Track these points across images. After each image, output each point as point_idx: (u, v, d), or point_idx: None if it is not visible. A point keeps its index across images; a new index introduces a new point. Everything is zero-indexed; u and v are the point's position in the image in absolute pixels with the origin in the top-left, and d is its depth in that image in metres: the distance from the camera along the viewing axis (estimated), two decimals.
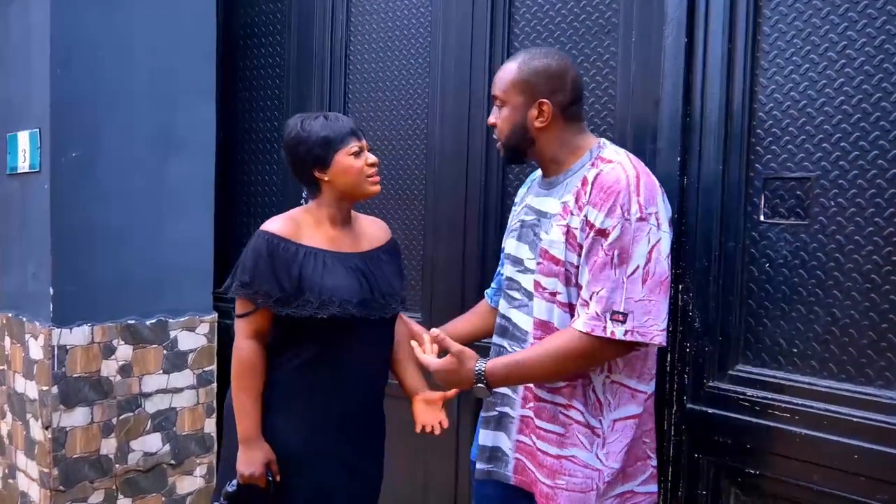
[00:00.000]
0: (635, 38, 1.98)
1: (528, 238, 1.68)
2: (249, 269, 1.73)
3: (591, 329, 1.47)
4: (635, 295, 1.45)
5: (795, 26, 1.70)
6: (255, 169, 3.02)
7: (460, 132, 2.35)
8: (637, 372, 1.59)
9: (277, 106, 2.92)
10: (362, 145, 1.80)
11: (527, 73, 1.62)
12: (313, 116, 1.82)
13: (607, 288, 1.46)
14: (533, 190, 1.75)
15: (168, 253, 2.80)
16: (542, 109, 1.60)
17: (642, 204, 1.47)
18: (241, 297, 1.76)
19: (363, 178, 1.79)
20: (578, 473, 1.57)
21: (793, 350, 1.71)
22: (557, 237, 1.57)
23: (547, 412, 1.61)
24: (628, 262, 1.46)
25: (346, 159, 1.77)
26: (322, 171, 1.78)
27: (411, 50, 2.52)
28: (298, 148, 1.78)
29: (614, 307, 1.45)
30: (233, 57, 3.06)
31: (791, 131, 1.71)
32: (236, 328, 1.78)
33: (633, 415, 1.59)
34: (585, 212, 1.51)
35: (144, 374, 2.76)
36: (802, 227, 1.69)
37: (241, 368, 1.76)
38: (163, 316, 2.80)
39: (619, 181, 1.49)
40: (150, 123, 2.74)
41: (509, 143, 1.67)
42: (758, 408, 1.73)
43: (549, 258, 1.58)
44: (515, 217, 1.78)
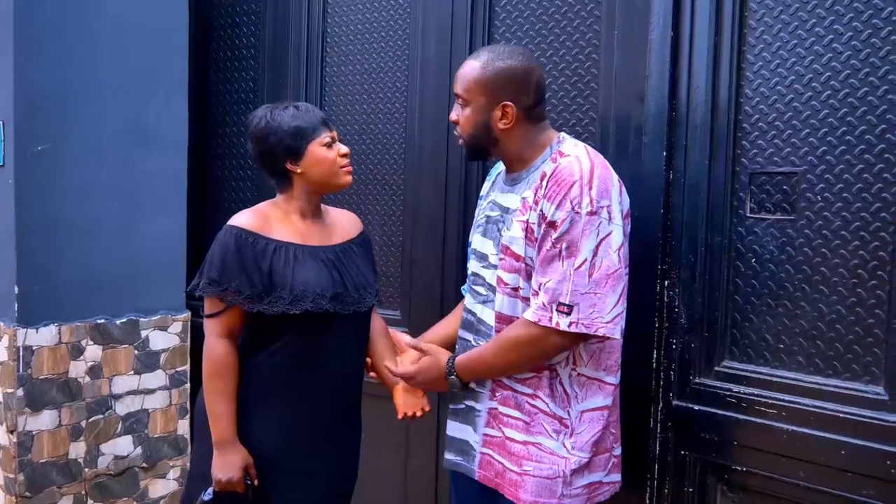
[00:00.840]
0: (618, 31, 1.95)
1: (492, 234, 1.69)
2: (217, 266, 1.67)
3: (538, 319, 1.50)
4: (581, 287, 1.47)
5: (782, 20, 1.69)
6: (228, 164, 2.95)
7: (440, 125, 2.31)
8: (603, 365, 1.61)
9: (252, 99, 2.85)
10: (333, 135, 1.76)
11: (490, 75, 1.60)
12: (282, 106, 1.76)
13: (554, 280, 1.49)
14: (497, 185, 1.75)
15: (139, 250, 2.72)
16: (505, 111, 1.60)
17: (594, 198, 1.48)
18: (209, 296, 1.69)
19: (337, 169, 1.74)
20: (545, 460, 1.58)
21: (779, 346, 1.70)
22: (517, 233, 1.58)
23: (512, 400, 1.63)
24: (576, 255, 1.48)
25: (319, 150, 1.72)
26: (294, 163, 1.72)
27: (390, 42, 2.47)
28: (269, 139, 1.71)
29: (560, 298, 1.48)
30: (205, 48, 2.98)
31: (777, 126, 1.70)
32: (206, 328, 1.72)
33: (601, 406, 1.61)
34: (541, 206, 1.53)
35: (115, 375, 2.68)
36: (789, 222, 1.69)
37: (213, 369, 1.70)
38: (134, 315, 2.72)
39: (573, 174, 1.50)
40: (120, 116, 2.65)
41: (472, 142, 1.66)
42: (744, 404, 1.72)
43: (509, 254, 1.60)
44: (481, 212, 1.78)
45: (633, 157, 1.89)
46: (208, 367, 1.70)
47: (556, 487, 1.58)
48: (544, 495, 1.58)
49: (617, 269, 1.50)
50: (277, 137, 1.70)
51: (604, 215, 1.49)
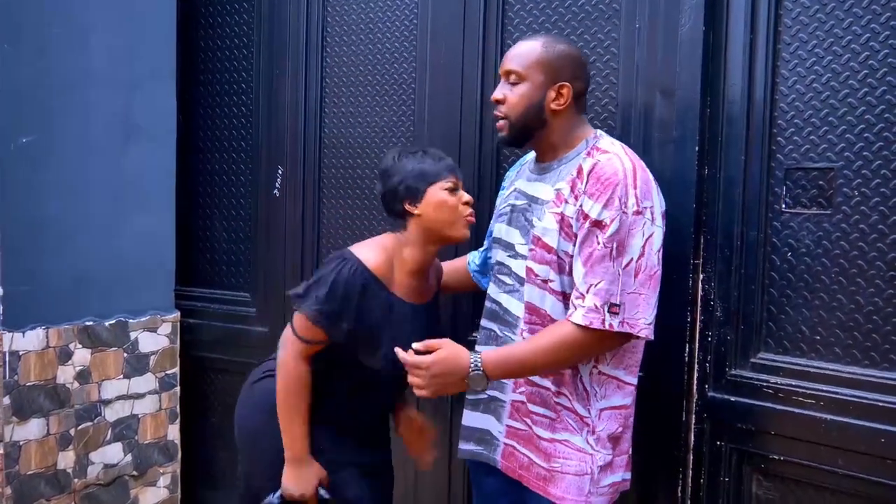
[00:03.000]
0: (640, 25, 1.96)
1: (518, 223, 1.68)
2: (338, 301, 1.63)
3: (590, 322, 1.47)
4: (628, 287, 1.48)
5: (818, 18, 1.73)
6: (217, 157, 2.82)
7: (451, 123, 2.26)
8: (624, 364, 1.61)
9: (244, 90, 2.74)
10: (458, 182, 1.73)
11: (552, 54, 1.61)
12: (413, 149, 1.76)
13: (606, 280, 1.47)
14: (523, 174, 1.74)
15: (127, 248, 2.59)
16: (561, 92, 1.60)
17: (639, 197, 1.49)
18: (316, 325, 1.64)
19: (457, 217, 1.70)
20: (572, 457, 1.58)
21: (815, 337, 1.74)
22: (551, 224, 1.57)
23: (538, 397, 1.63)
24: (624, 255, 1.48)
25: (440, 193, 1.69)
26: (413, 204, 1.69)
27: (396, 32, 2.41)
28: (392, 178, 1.71)
29: (612, 299, 1.47)
30: (193, 37, 2.84)
31: (813, 122, 1.74)
32: (292, 346, 1.68)
33: (619, 405, 1.61)
34: (581, 202, 1.52)
35: (104, 380, 2.54)
36: (825, 217, 1.72)
37: (293, 388, 1.67)
38: (122, 316, 2.59)
39: (617, 173, 1.50)
40: (106, 108, 2.52)
41: (520, 122, 1.63)
42: (781, 394, 1.75)
43: (541, 245, 1.59)
44: (504, 200, 1.77)
45: (659, 152, 1.90)
46: (288, 385, 1.67)
47: (584, 485, 1.58)
48: (572, 492, 1.58)
49: (657, 271, 1.52)
50: (400, 178, 1.69)
51: (647, 216, 1.51)
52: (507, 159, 2.21)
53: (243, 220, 2.76)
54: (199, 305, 2.82)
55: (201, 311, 2.81)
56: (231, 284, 2.79)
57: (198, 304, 2.82)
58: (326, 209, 2.56)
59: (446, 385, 1.51)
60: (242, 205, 2.75)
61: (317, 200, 2.57)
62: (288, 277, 2.61)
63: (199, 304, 2.82)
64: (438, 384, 1.49)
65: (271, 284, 2.65)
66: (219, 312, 2.77)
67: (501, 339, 1.69)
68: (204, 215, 2.86)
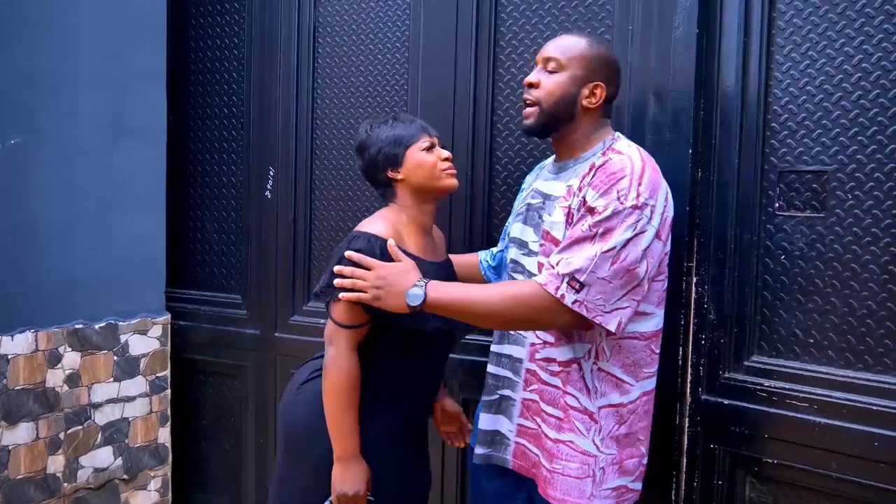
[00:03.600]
0: (633, 26, 1.96)
1: (532, 221, 1.69)
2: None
3: (546, 283, 1.47)
4: (600, 272, 1.44)
5: (811, 21, 1.72)
6: (208, 158, 2.80)
7: (444, 120, 2.24)
8: (621, 362, 1.58)
9: (235, 90, 2.72)
10: (434, 140, 1.76)
11: (595, 53, 1.63)
12: (381, 120, 1.78)
13: (579, 257, 1.45)
14: (542, 175, 1.75)
15: (117, 249, 2.56)
16: (594, 91, 1.62)
17: (641, 193, 1.47)
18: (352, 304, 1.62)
19: (438, 172, 1.73)
20: (575, 459, 1.57)
21: (809, 341, 1.74)
22: (559, 218, 1.58)
23: (549, 395, 1.62)
24: (607, 241, 1.45)
25: (419, 154, 1.72)
26: (395, 171, 1.72)
27: (388, 32, 2.39)
28: (369, 150, 1.74)
29: (577, 276, 1.45)
30: (184, 37, 2.81)
31: (807, 125, 1.73)
32: (337, 340, 1.65)
33: (614, 403, 1.59)
34: (584, 192, 1.52)
35: (94, 383, 2.51)
36: (819, 220, 1.72)
37: (346, 383, 1.64)
38: (112, 319, 2.56)
39: (624, 169, 1.50)
40: (95, 109, 2.48)
41: (551, 109, 1.62)
42: (775, 398, 1.75)
43: (550, 239, 1.59)
44: (522, 201, 1.77)
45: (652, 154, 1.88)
46: (339, 381, 1.63)
47: (586, 487, 1.57)
48: (573, 494, 1.57)
49: (635, 267, 1.46)
50: (377, 147, 1.72)
51: (646, 213, 1.48)
52: (499, 161, 2.21)
53: (234, 222, 2.74)
54: (189, 307, 2.80)
55: (192, 314, 2.79)
56: (222, 286, 2.77)
57: (188, 306, 2.80)
58: (318, 211, 2.54)
59: (388, 293, 1.52)
60: (234, 206, 2.74)
61: (308, 202, 2.55)
62: (279, 279, 2.59)
63: (190, 307, 2.80)
64: (380, 287, 1.53)
65: (263, 286, 2.63)
66: (210, 314, 2.76)
67: (515, 336, 1.69)
68: (195, 217, 2.83)
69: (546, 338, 1.63)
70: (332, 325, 1.65)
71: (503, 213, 2.21)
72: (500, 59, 2.20)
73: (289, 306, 2.58)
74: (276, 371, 2.61)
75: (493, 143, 2.22)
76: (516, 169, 2.18)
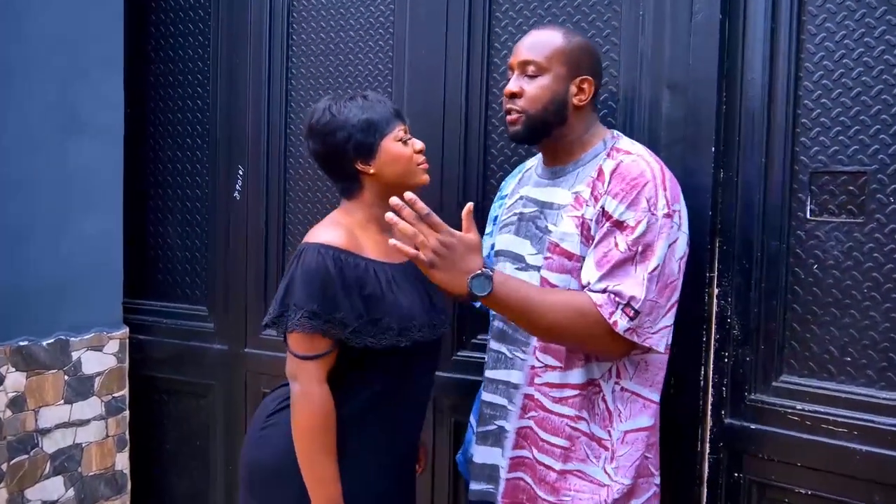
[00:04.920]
0: (643, 10, 1.79)
1: (528, 231, 1.53)
2: (317, 295, 1.39)
3: (601, 304, 1.34)
4: (649, 294, 1.34)
5: (846, 6, 1.57)
6: (170, 156, 2.56)
7: (432, 114, 2.05)
8: (650, 380, 1.47)
9: (200, 81, 2.49)
10: (407, 129, 1.54)
11: (574, 46, 1.49)
12: (347, 97, 1.52)
13: (628, 284, 1.34)
14: (530, 181, 1.60)
15: (68, 256, 2.33)
16: (582, 87, 1.48)
17: (669, 199, 1.38)
18: (310, 332, 1.40)
19: (413, 167, 1.53)
20: (585, 489, 1.44)
21: (846, 359, 1.58)
22: (570, 229, 1.43)
23: (551, 423, 1.47)
24: (650, 259, 1.35)
25: (394, 146, 1.51)
26: (366, 163, 1.49)
27: (370, 19, 2.19)
28: (335, 135, 1.48)
29: (632, 303, 1.33)
30: (143, 22, 2.57)
31: (843, 122, 1.58)
32: (301, 374, 1.42)
33: (645, 427, 1.47)
34: (602, 202, 1.39)
35: (41, 407, 2.27)
36: (856, 226, 1.57)
37: (319, 424, 1.41)
38: (63, 334, 2.32)
39: (644, 173, 1.38)
40: (46, 100, 2.26)
41: (540, 116, 1.47)
42: (809, 422, 1.59)
43: (559, 252, 1.44)
44: (509, 210, 1.61)
45: (666, 153, 1.72)
46: (311, 422, 1.41)
47: None
48: None
49: (675, 280, 1.39)
50: (346, 133, 1.48)
51: (676, 220, 1.39)
52: (495, 160, 2.03)
53: (200, 226, 2.51)
54: (150, 320, 2.57)
55: (153, 327, 2.56)
56: (186, 297, 2.54)
57: (149, 318, 2.57)
58: (293, 214, 2.33)
59: (449, 265, 1.27)
60: (199, 208, 2.51)
61: (282, 203, 2.34)
62: (250, 289, 2.37)
63: (151, 319, 2.57)
64: (445, 258, 1.27)
65: (232, 297, 2.42)
66: (172, 328, 2.53)
67: (511, 360, 1.53)
68: (155, 220, 2.60)
69: (548, 360, 1.47)
70: (292, 358, 1.43)
71: None
72: (495, 46, 2.01)
73: (260, 319, 2.33)
74: (246, 390, 2.40)
75: (488, 140, 2.04)
76: (512, 167, 1.99)
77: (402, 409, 1.55)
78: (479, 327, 2.05)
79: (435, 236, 1.26)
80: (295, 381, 1.43)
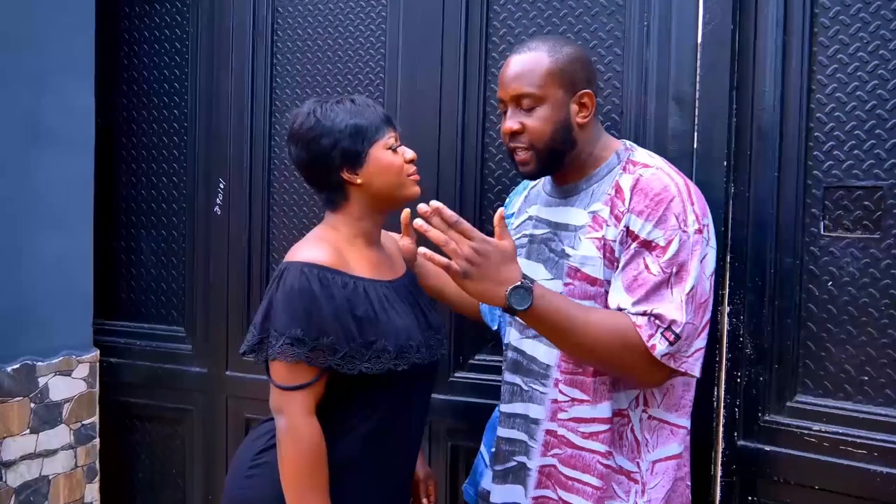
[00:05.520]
0: (648, 20, 1.75)
1: (541, 255, 1.44)
2: (300, 318, 1.27)
3: (642, 325, 1.25)
4: (687, 317, 1.26)
5: (860, 18, 1.54)
6: (145, 168, 2.43)
7: (426, 125, 1.98)
8: (677, 404, 1.39)
9: (178, 89, 2.36)
10: (398, 136, 1.43)
11: (564, 62, 1.38)
12: (333, 100, 1.41)
13: (667, 308, 1.26)
14: (539, 199, 1.50)
15: (35, 276, 2.18)
16: (583, 103, 1.39)
17: (699, 214, 1.30)
18: (294, 361, 1.28)
19: (404, 178, 1.41)
20: None
21: (863, 378, 1.55)
22: (591, 252, 1.34)
23: (582, 461, 1.37)
24: (686, 280, 1.27)
25: (384, 155, 1.39)
26: (353, 172, 1.38)
27: (362, 21, 2.10)
28: (320, 141, 1.36)
29: (673, 327, 1.25)
30: (115, 26, 2.44)
31: (857, 135, 1.55)
32: (287, 406, 1.30)
33: (674, 455, 1.38)
34: (626, 221, 1.30)
35: (5, 437, 2.11)
36: (872, 242, 1.53)
37: (309, 459, 1.29)
38: (28, 359, 2.17)
39: (668, 188, 1.30)
40: (9, 110, 2.10)
41: (551, 148, 1.37)
42: (826, 443, 1.55)
43: (581, 277, 1.35)
44: (517, 231, 1.52)
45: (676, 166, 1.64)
46: (300, 459, 1.28)
47: None
48: None
49: (707, 298, 1.31)
50: (332, 139, 1.36)
51: (706, 235, 1.31)
52: (493, 173, 1.96)
53: (177, 242, 2.38)
54: (122, 342, 2.43)
55: (125, 349, 2.42)
56: (162, 317, 2.41)
57: (121, 340, 2.43)
58: (278, 229, 2.22)
59: (484, 275, 1.18)
60: (175, 224, 2.38)
61: (266, 219, 2.23)
62: (232, 309, 2.26)
63: (123, 341, 2.43)
64: (479, 266, 1.17)
65: (212, 317, 2.30)
66: (147, 350, 2.39)
67: (528, 392, 1.43)
68: (129, 236, 2.46)
69: (575, 394, 1.37)
70: (275, 390, 1.31)
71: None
72: (492, 56, 1.95)
73: (242, 340, 2.22)
74: (227, 416, 2.28)
75: (486, 153, 1.97)
76: (512, 182, 1.93)
77: (398, 443, 1.43)
78: (477, 346, 1.98)
79: (468, 244, 1.17)
80: (280, 415, 1.31)
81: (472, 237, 1.18)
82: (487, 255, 1.18)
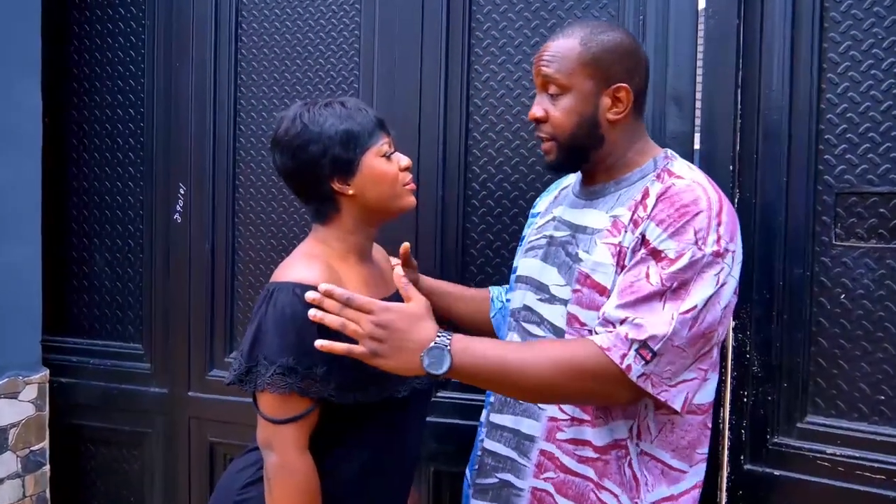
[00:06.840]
0: (644, 16, 1.65)
1: (557, 259, 1.32)
2: (291, 346, 1.16)
3: (609, 347, 1.13)
4: (676, 339, 1.13)
5: (874, 12, 1.45)
6: (98, 172, 2.25)
7: (405, 127, 1.83)
8: (673, 444, 1.25)
9: (133, 87, 2.19)
10: (392, 142, 1.31)
11: (597, 51, 1.25)
12: (321, 103, 1.29)
13: (652, 321, 1.13)
14: (566, 200, 1.39)
15: None
16: (617, 97, 1.26)
17: (722, 236, 1.16)
18: (285, 392, 1.17)
19: (399, 189, 1.30)
20: None
21: (878, 397, 1.45)
22: (604, 258, 1.23)
23: (574, 488, 1.25)
24: (685, 299, 1.14)
25: (377, 163, 1.28)
26: (344, 182, 1.27)
27: (333, 19, 1.96)
28: (308, 149, 1.25)
29: (650, 343, 1.12)
30: (65, 19, 2.26)
31: (872, 138, 1.46)
32: (278, 442, 1.19)
33: (663, 497, 1.25)
34: (643, 227, 1.19)
35: None
36: (888, 252, 1.44)
37: (301, 501, 1.18)
38: None
39: (698, 201, 1.17)
40: None
41: (573, 143, 1.27)
42: (841, 468, 1.45)
43: (591, 285, 1.23)
44: (538, 231, 1.41)
45: None
46: (296, 495, 1.18)
47: None
48: None
49: (713, 331, 1.17)
50: (321, 146, 1.25)
51: (728, 261, 1.17)
52: (477, 178, 1.83)
53: (134, 252, 2.22)
54: (74, 360, 2.25)
55: (77, 368, 2.25)
56: (118, 333, 2.24)
57: (73, 358, 2.26)
58: (244, 238, 2.07)
59: (395, 348, 1.11)
60: (132, 232, 2.22)
61: (231, 227, 2.08)
62: (194, 324, 2.10)
63: (75, 359, 2.26)
64: (386, 341, 1.11)
65: (172, 333, 2.13)
66: (101, 369, 2.22)
67: (522, 405, 1.32)
68: (81, 246, 2.29)
69: (576, 413, 1.25)
70: (264, 424, 1.20)
71: (481, 243, 1.82)
72: (476, 53, 1.83)
73: (205, 358, 2.10)
74: (189, 439, 2.12)
75: (469, 156, 1.85)
76: (498, 188, 1.81)
77: (394, 474, 1.33)
78: None
79: (367, 319, 1.10)
80: (270, 451, 1.19)
81: (371, 309, 1.10)
82: (392, 326, 1.10)
